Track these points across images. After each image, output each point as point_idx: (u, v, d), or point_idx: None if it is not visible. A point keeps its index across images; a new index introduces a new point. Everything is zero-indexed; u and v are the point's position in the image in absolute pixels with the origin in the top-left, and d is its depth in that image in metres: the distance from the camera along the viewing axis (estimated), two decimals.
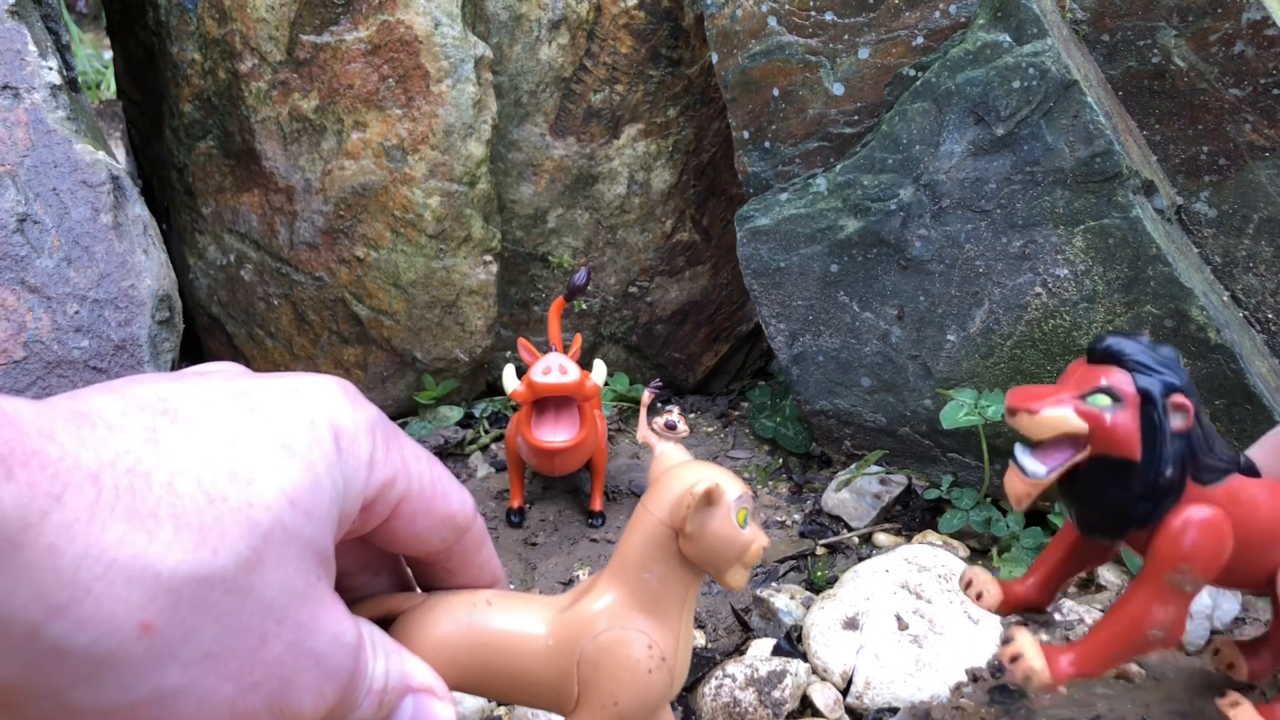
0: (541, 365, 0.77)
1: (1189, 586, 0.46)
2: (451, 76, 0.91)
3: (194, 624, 0.30)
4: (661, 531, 0.41)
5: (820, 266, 0.86)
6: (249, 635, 0.31)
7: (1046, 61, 0.74)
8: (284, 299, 0.99)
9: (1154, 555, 0.46)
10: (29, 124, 0.74)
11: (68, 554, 0.27)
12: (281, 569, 0.32)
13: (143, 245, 0.77)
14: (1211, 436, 0.47)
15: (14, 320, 0.72)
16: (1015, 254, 0.78)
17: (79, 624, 0.28)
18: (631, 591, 0.42)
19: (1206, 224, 0.78)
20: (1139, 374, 0.45)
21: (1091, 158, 0.74)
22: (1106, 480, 0.46)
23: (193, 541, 0.29)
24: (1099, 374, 0.46)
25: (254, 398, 0.34)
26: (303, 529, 0.32)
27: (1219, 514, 0.46)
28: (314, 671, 0.33)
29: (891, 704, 0.63)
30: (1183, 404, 0.45)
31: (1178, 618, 0.47)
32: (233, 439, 0.32)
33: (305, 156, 0.94)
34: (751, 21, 0.86)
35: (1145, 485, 0.45)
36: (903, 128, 0.81)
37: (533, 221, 1.01)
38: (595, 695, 0.42)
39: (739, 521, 0.41)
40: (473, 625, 0.43)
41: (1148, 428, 0.45)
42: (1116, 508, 0.47)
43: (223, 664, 0.31)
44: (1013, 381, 0.80)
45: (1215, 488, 0.46)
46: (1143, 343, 0.46)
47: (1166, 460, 0.45)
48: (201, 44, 0.94)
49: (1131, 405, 0.45)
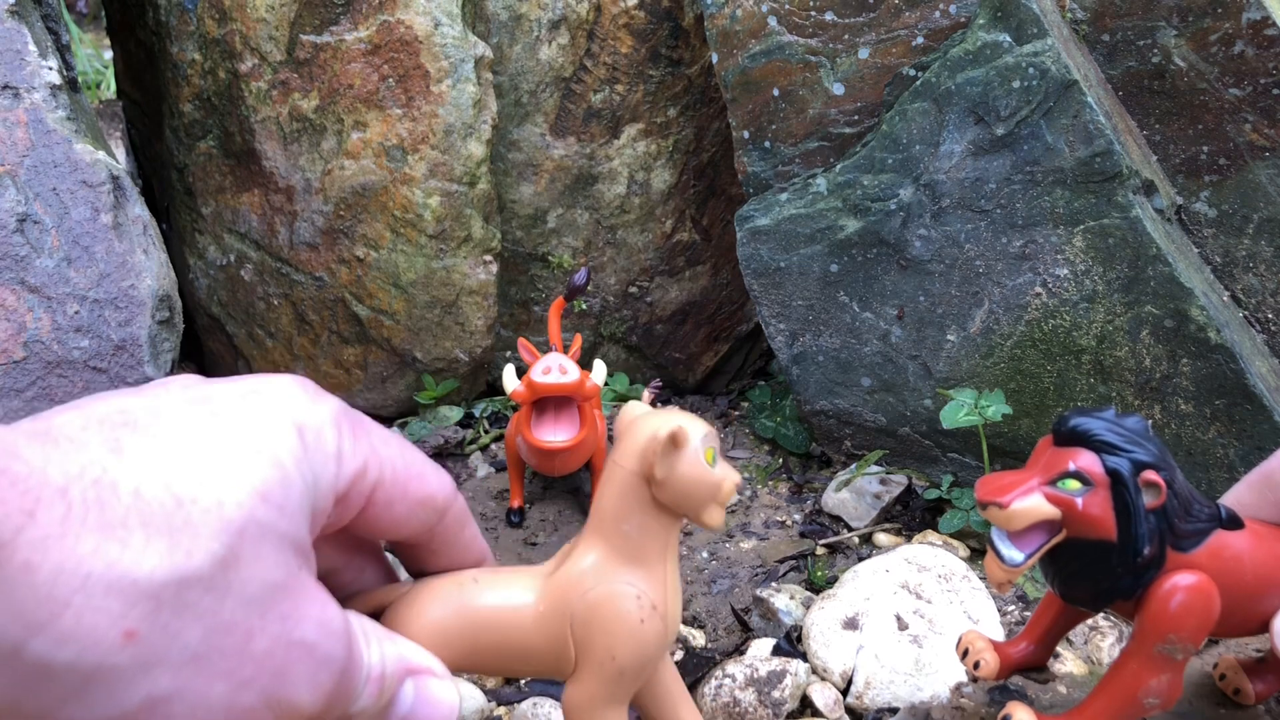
0: (541, 365, 0.77)
1: (1179, 655, 0.46)
2: (451, 76, 0.91)
3: (177, 627, 0.29)
4: (634, 482, 0.41)
5: (820, 266, 0.86)
6: (235, 632, 0.31)
7: (1046, 61, 0.74)
8: (284, 299, 0.99)
9: (1141, 627, 0.46)
10: (29, 124, 0.74)
11: (43, 570, 0.27)
12: (259, 563, 0.31)
13: (143, 245, 0.77)
14: (1188, 500, 0.46)
15: (14, 320, 0.72)
16: (1015, 254, 0.78)
17: (61, 640, 0.27)
18: (613, 546, 0.42)
19: (1206, 224, 0.78)
20: (1107, 454, 0.45)
21: (1091, 158, 0.74)
22: (1085, 560, 0.46)
23: (166, 545, 0.29)
24: (1067, 457, 0.45)
25: (214, 403, 0.34)
26: (276, 523, 0.32)
27: (1203, 580, 0.46)
28: (306, 661, 0.33)
29: (891, 704, 0.63)
30: (1154, 480, 0.44)
31: (1171, 684, 0.47)
32: (196, 442, 0.32)
33: (305, 156, 0.94)
34: (751, 21, 0.86)
35: (1124, 564, 0.45)
36: (903, 128, 0.81)
37: (533, 221, 1.01)
38: (592, 654, 0.42)
39: (708, 460, 0.41)
40: (462, 605, 0.43)
41: (1121, 508, 0.44)
42: (1098, 584, 0.47)
43: (211, 664, 0.30)
44: (1013, 382, 0.80)
45: (1197, 551, 0.46)
46: (1107, 419, 0.46)
47: (1143, 538, 0.45)
48: (201, 44, 0.94)
49: (1102, 487, 0.44)
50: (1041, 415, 0.79)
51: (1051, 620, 0.55)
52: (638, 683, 0.43)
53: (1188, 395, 0.75)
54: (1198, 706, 0.61)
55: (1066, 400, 0.79)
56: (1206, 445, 0.75)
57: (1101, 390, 0.77)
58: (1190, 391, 0.74)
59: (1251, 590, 0.47)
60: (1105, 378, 0.77)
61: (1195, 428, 0.75)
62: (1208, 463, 0.75)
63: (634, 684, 0.43)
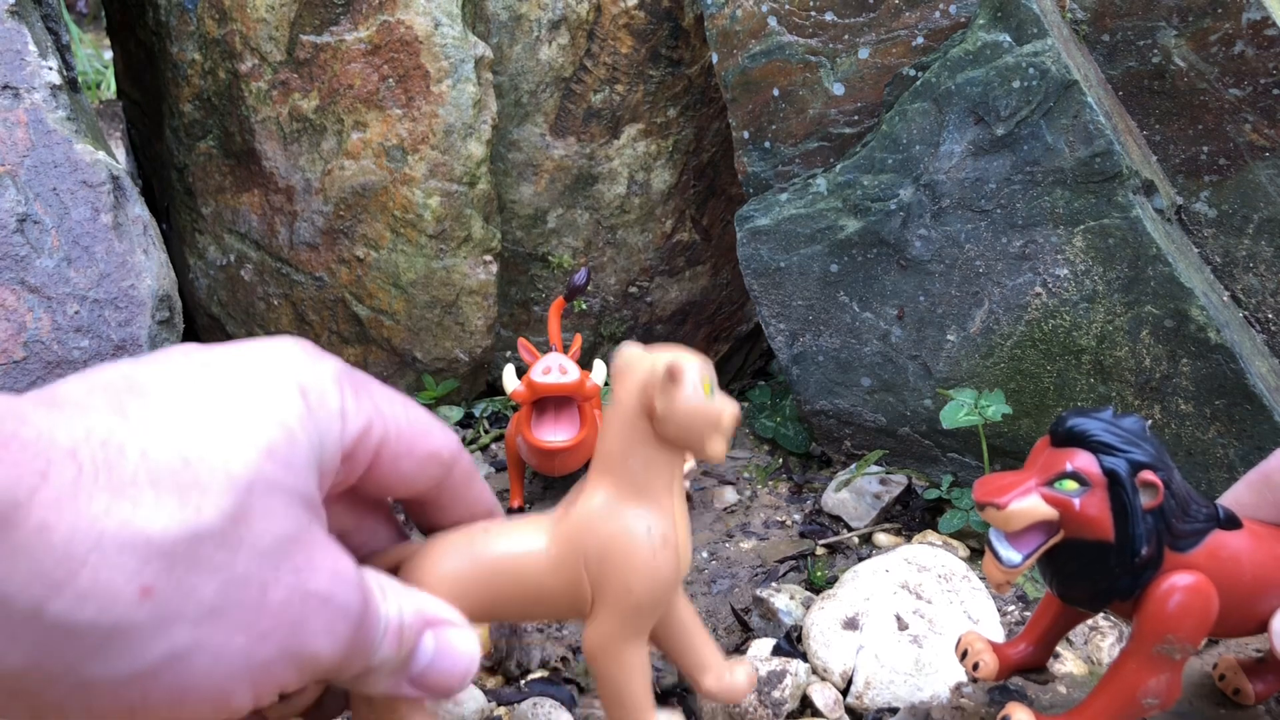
0: (541, 365, 0.77)
1: (1178, 655, 0.46)
2: (451, 76, 0.91)
3: (193, 582, 0.30)
4: (635, 419, 0.42)
5: (820, 266, 0.86)
6: (250, 585, 0.31)
7: (1046, 61, 0.74)
8: (284, 299, 0.99)
9: (1139, 628, 0.47)
10: (29, 124, 0.74)
11: (59, 529, 0.27)
12: (269, 518, 0.32)
13: (143, 245, 0.77)
14: (1185, 500, 0.46)
15: (14, 320, 0.72)
16: (1015, 254, 0.78)
17: (80, 598, 0.28)
18: (619, 483, 0.43)
19: (1206, 224, 0.78)
20: (1104, 455, 0.45)
21: (1091, 158, 0.74)
22: (1083, 560, 0.46)
23: (176, 503, 0.30)
24: (1064, 458, 0.46)
25: (216, 366, 0.34)
26: (283, 478, 0.32)
27: (1200, 580, 0.46)
28: (322, 611, 0.33)
29: (891, 704, 0.63)
30: (1151, 480, 0.44)
31: (1170, 684, 0.47)
32: (201, 404, 0.32)
33: (305, 156, 0.94)
34: (751, 21, 0.86)
35: (1122, 564, 0.45)
36: (903, 128, 0.81)
37: (533, 221, 1.01)
38: (608, 590, 0.42)
39: (705, 392, 0.41)
40: (475, 555, 0.43)
41: (1118, 509, 0.44)
42: (1096, 585, 0.47)
43: (229, 617, 0.31)
44: (1013, 382, 0.80)
45: (1194, 551, 0.46)
46: (1105, 419, 0.46)
47: (1141, 539, 0.45)
48: (201, 44, 0.94)
49: (1099, 488, 0.45)
50: (1041, 415, 0.79)
51: (1050, 621, 0.55)
52: (655, 616, 0.43)
53: (1188, 395, 0.75)
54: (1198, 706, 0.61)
55: (1067, 400, 0.79)
56: (1206, 445, 0.75)
57: (1101, 390, 0.77)
58: (1190, 391, 0.74)
59: (1250, 590, 0.47)
60: (1105, 378, 0.77)
61: (1195, 428, 0.75)
62: (1208, 463, 0.75)
63: (651, 617, 0.43)
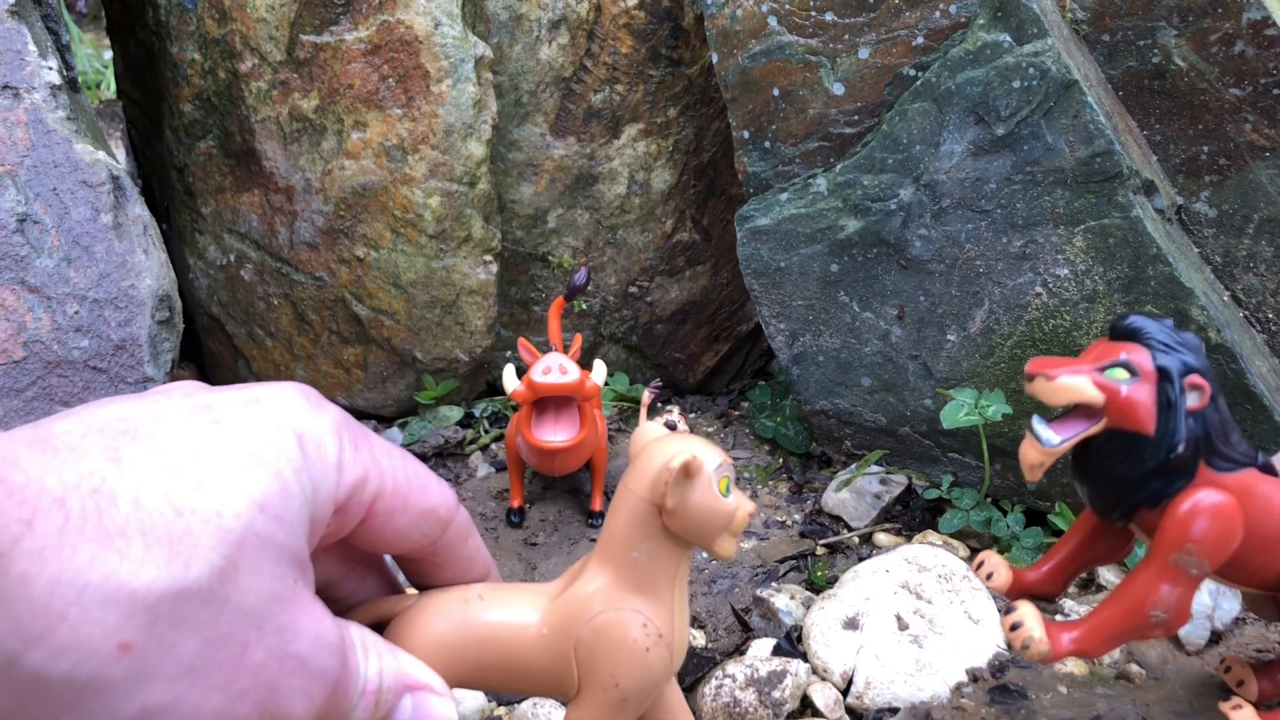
0: (541, 365, 0.77)
1: (1195, 569, 0.46)
2: (451, 76, 0.91)
3: (173, 639, 0.29)
4: (645, 509, 0.41)
5: (820, 266, 0.86)
6: (231, 644, 0.31)
7: (1047, 61, 0.74)
8: (284, 299, 0.99)
9: (1162, 535, 0.46)
10: (29, 124, 0.74)
11: (40, 581, 0.27)
12: (257, 575, 0.31)
13: (143, 245, 0.77)
14: (1229, 426, 0.46)
15: (14, 320, 0.72)
16: (1015, 254, 0.78)
17: (57, 651, 0.27)
18: (621, 572, 0.42)
19: (1207, 224, 0.78)
20: (1159, 352, 0.45)
21: (1092, 157, 0.74)
22: (1119, 455, 0.46)
23: (164, 556, 0.29)
24: (1119, 349, 0.46)
25: (215, 410, 0.34)
26: (275, 534, 0.32)
27: (1230, 500, 0.46)
28: (299, 674, 0.33)
29: (892, 704, 0.63)
30: (1199, 383, 0.45)
31: (1181, 600, 0.47)
32: (196, 451, 0.32)
33: (305, 156, 0.94)
34: (751, 21, 0.86)
35: (1157, 461, 0.45)
36: (903, 128, 0.81)
37: (533, 221, 1.01)
38: (595, 678, 0.41)
39: (721, 490, 0.41)
40: (466, 621, 0.42)
41: (1163, 403, 0.45)
42: (1128, 484, 0.47)
43: (207, 676, 0.30)
44: (1013, 382, 0.80)
45: (1229, 476, 0.46)
46: (1165, 324, 0.47)
47: (1179, 437, 0.45)
48: (201, 44, 0.94)
49: (1149, 380, 0.45)
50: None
51: (1075, 548, 0.54)
52: (640, 709, 0.43)
53: None
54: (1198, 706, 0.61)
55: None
56: None
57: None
58: None
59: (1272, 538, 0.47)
60: None
61: None
62: None
63: (636, 711, 0.42)
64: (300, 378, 1.02)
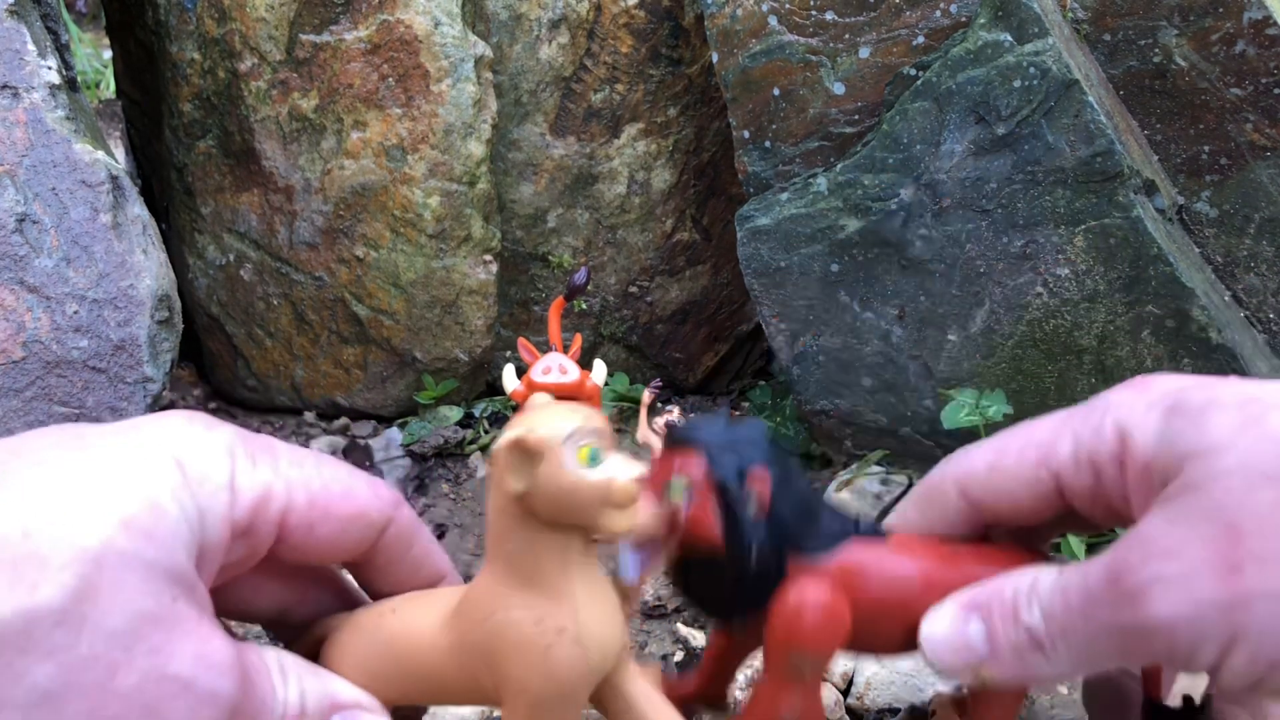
0: (541, 365, 0.77)
1: (808, 670, 0.43)
2: (451, 76, 0.91)
3: (23, 666, 0.28)
4: (503, 498, 0.36)
5: (821, 266, 0.86)
6: (94, 668, 0.29)
7: (1047, 61, 0.74)
8: (284, 299, 0.99)
9: (768, 643, 0.43)
10: (28, 124, 0.74)
11: None
12: (121, 593, 0.29)
13: (142, 245, 0.77)
14: (812, 507, 0.43)
15: (13, 320, 0.72)
16: (1016, 254, 0.78)
17: None
18: (502, 568, 0.37)
19: (1208, 224, 0.78)
20: (711, 457, 0.41)
21: (1092, 157, 0.74)
22: (702, 571, 0.43)
23: (7, 581, 0.28)
24: (676, 463, 0.42)
25: (87, 439, 0.33)
26: (143, 550, 0.30)
27: (825, 589, 0.42)
28: (182, 697, 0.31)
29: (892, 705, 0.63)
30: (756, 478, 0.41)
31: (807, 700, 0.43)
32: (59, 479, 0.30)
33: (305, 156, 0.94)
34: (752, 21, 0.86)
35: (736, 573, 0.41)
36: (903, 127, 0.81)
37: (533, 221, 1.01)
38: (506, 687, 0.37)
39: (582, 461, 0.35)
40: (379, 636, 0.39)
41: (726, 514, 0.41)
42: (721, 599, 0.44)
43: (67, 703, 0.29)
44: (1014, 382, 0.80)
45: (823, 559, 0.42)
46: (718, 424, 0.42)
47: (749, 545, 0.41)
48: (201, 43, 0.94)
49: (705, 490, 0.41)
50: (1042, 415, 0.79)
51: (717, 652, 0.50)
52: (569, 712, 0.38)
53: None
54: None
55: (1068, 400, 0.78)
56: None
57: (1103, 390, 0.77)
58: None
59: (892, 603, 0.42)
60: (1106, 378, 0.77)
61: None
62: None
63: (564, 713, 0.38)
64: (300, 378, 1.02)
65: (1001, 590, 0.38)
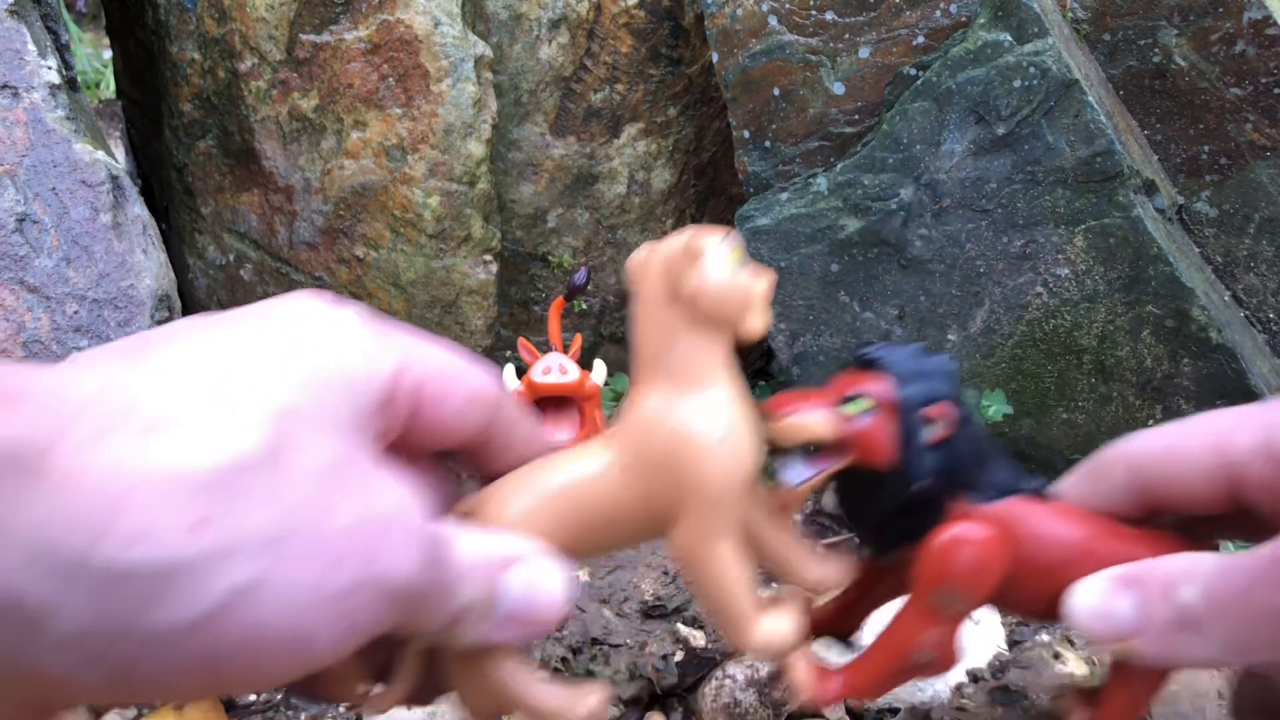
0: (541, 365, 0.77)
1: (954, 608, 0.44)
2: (451, 76, 0.91)
3: (244, 512, 0.28)
4: (665, 309, 0.40)
5: (821, 266, 0.86)
6: (308, 510, 0.29)
7: (1047, 61, 0.74)
8: None
9: (917, 574, 0.44)
10: (28, 123, 0.74)
11: (90, 474, 0.26)
12: (311, 445, 0.30)
13: (142, 245, 0.77)
14: (985, 454, 0.44)
15: (13, 320, 0.72)
16: (1016, 254, 0.78)
17: (126, 540, 0.26)
18: (664, 382, 0.40)
19: (1207, 224, 0.78)
20: (902, 381, 0.42)
21: (1092, 157, 0.74)
22: (864, 492, 0.44)
23: (212, 435, 0.28)
24: (861, 380, 0.43)
25: (230, 318, 0.33)
26: (320, 406, 0.31)
27: (985, 532, 0.43)
28: (392, 532, 0.31)
29: (892, 705, 0.63)
30: (940, 413, 0.42)
31: (944, 640, 0.44)
32: (217, 349, 0.31)
33: (305, 156, 0.94)
34: (752, 21, 0.86)
35: (897, 497, 0.42)
36: (903, 127, 0.81)
37: (533, 221, 1.01)
38: (685, 494, 0.40)
39: (732, 263, 0.39)
40: (540, 492, 0.40)
41: (902, 436, 0.42)
42: (877, 521, 0.44)
43: (291, 546, 0.29)
44: (1014, 382, 0.80)
45: (987, 507, 0.43)
46: (911, 351, 0.44)
47: (919, 471, 0.42)
48: (201, 43, 0.94)
49: (886, 412, 0.42)
50: (1043, 415, 0.79)
51: (861, 582, 0.50)
52: (737, 508, 0.40)
53: (1189, 395, 0.74)
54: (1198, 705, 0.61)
55: (1068, 400, 0.78)
56: None
57: (1103, 390, 0.77)
58: (1192, 391, 0.74)
59: (1045, 565, 0.43)
60: (1106, 377, 0.77)
61: None
62: None
63: (733, 510, 0.40)
64: None
65: (1158, 566, 0.38)
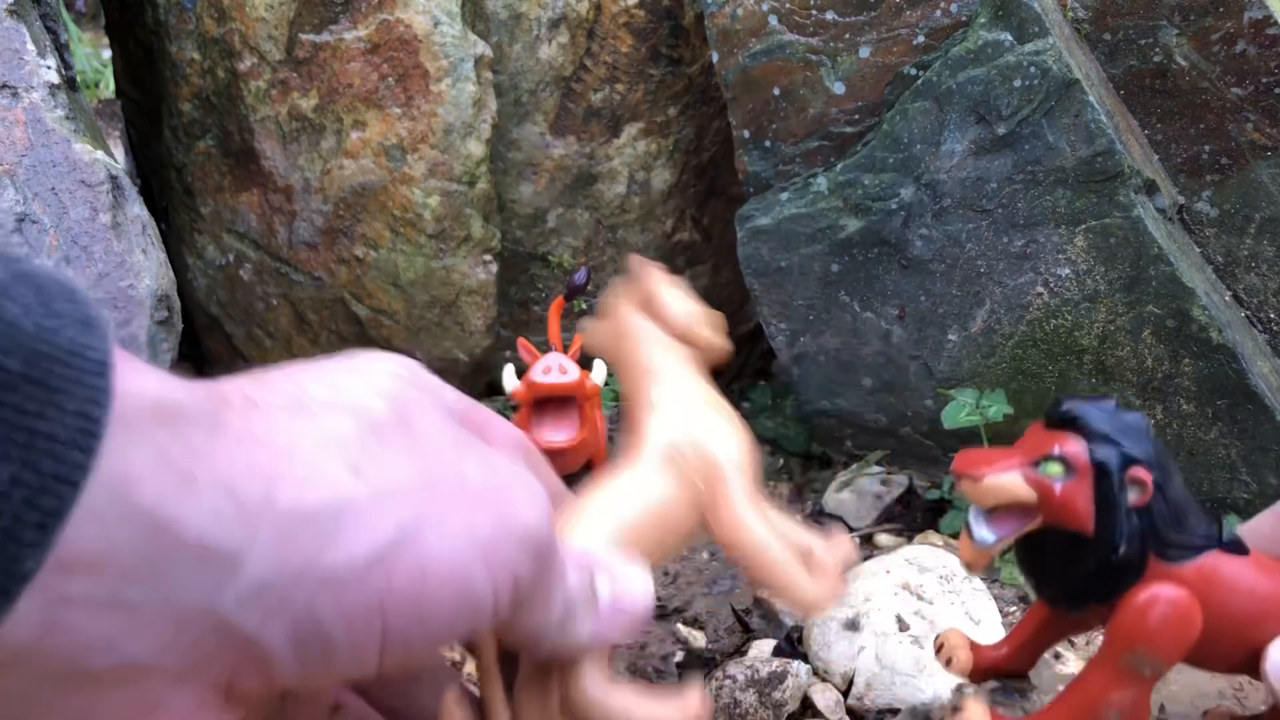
0: (541, 365, 0.77)
1: (1148, 670, 0.43)
2: (451, 75, 0.90)
3: (392, 460, 0.31)
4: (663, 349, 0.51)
5: (821, 266, 0.86)
6: (442, 464, 0.32)
7: (1048, 60, 0.74)
8: (283, 299, 0.99)
9: (1111, 635, 0.44)
10: (27, 123, 0.74)
11: (259, 435, 0.29)
12: (428, 418, 0.33)
13: (141, 245, 0.77)
14: (1182, 511, 0.43)
15: None
16: (1016, 253, 0.78)
17: (303, 484, 0.28)
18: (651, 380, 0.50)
19: (1208, 223, 0.78)
20: (1096, 443, 0.42)
21: (1093, 157, 0.74)
22: (1061, 552, 0.44)
23: (347, 411, 0.31)
24: (1054, 440, 0.43)
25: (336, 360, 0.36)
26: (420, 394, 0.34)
27: (1183, 595, 0.42)
28: (520, 490, 0.34)
29: (893, 705, 0.63)
30: (1140, 478, 0.42)
31: (1136, 702, 0.44)
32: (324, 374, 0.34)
33: (304, 156, 0.94)
34: (752, 20, 0.86)
35: (1099, 561, 0.42)
36: (904, 127, 0.81)
37: (533, 221, 1.01)
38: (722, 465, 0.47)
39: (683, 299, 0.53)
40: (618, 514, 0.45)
41: (1101, 501, 0.42)
42: (1071, 582, 0.44)
43: (438, 492, 0.31)
44: (1014, 382, 0.80)
45: (1184, 566, 0.43)
46: (1106, 409, 0.43)
47: (1121, 536, 0.42)
48: (200, 43, 0.94)
49: (1085, 476, 0.42)
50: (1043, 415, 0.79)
51: (1035, 627, 0.52)
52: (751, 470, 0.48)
53: (1189, 395, 0.74)
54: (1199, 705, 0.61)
55: None
56: (1208, 445, 0.75)
57: (1103, 390, 0.77)
58: (1192, 391, 0.74)
59: (1241, 621, 0.43)
60: (1107, 378, 0.77)
61: (1197, 428, 0.75)
62: (1209, 463, 0.75)
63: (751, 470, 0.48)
64: None
65: None
